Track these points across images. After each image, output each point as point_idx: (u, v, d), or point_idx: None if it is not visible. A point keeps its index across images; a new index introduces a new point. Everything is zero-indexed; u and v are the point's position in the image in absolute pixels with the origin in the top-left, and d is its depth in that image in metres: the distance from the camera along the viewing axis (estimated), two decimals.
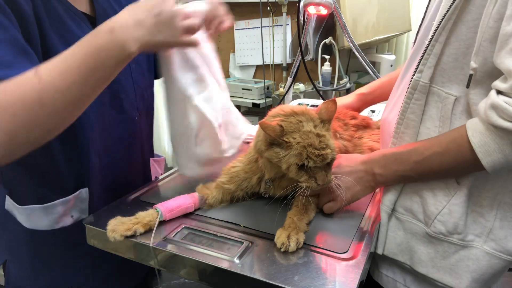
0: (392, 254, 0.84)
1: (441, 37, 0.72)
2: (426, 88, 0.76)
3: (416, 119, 0.78)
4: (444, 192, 0.76)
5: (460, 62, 0.71)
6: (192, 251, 0.75)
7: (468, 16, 0.69)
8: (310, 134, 0.75)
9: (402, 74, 0.89)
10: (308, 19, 2.03)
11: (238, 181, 0.90)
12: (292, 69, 2.17)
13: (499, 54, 0.63)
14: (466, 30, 0.69)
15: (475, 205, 0.75)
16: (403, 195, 0.82)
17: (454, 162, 0.71)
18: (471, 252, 0.75)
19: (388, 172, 0.79)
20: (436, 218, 0.76)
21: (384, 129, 0.93)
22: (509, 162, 0.65)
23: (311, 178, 0.77)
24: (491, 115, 0.64)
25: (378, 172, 0.80)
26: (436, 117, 0.76)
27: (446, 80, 0.74)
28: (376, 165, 0.80)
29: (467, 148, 0.68)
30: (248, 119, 1.08)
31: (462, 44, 0.70)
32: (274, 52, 2.82)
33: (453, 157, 0.71)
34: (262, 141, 0.79)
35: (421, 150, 0.75)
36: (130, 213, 0.82)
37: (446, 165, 0.73)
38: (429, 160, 0.73)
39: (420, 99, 0.77)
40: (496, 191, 0.74)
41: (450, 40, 0.72)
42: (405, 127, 0.80)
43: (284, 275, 0.67)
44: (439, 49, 0.73)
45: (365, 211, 0.88)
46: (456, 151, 0.70)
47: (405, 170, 0.77)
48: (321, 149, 0.75)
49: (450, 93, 0.74)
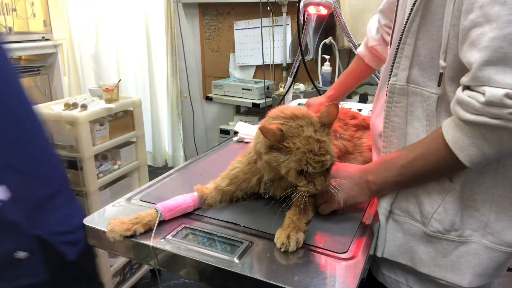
0: (393, 256, 0.84)
1: (409, 39, 0.73)
2: (405, 90, 0.77)
3: (401, 121, 0.79)
4: (438, 191, 0.76)
5: (436, 60, 0.72)
6: (192, 251, 0.75)
7: (435, 16, 0.70)
8: (310, 139, 0.75)
9: (383, 77, 0.89)
10: (308, 19, 2.03)
11: (238, 182, 0.90)
12: (292, 69, 2.17)
13: (461, 49, 0.64)
14: (436, 29, 0.70)
15: (469, 200, 0.76)
16: (399, 196, 0.82)
17: (437, 162, 0.72)
18: (470, 247, 0.76)
19: (380, 179, 0.79)
20: (432, 217, 0.76)
21: (373, 133, 0.94)
22: (486, 155, 0.65)
23: (310, 183, 0.77)
24: (457, 110, 0.65)
25: (371, 179, 0.80)
26: (422, 116, 0.76)
27: (426, 80, 0.75)
28: (369, 172, 0.81)
29: (445, 146, 0.68)
30: (248, 119, 1.08)
31: (435, 43, 0.71)
32: (274, 52, 2.82)
33: (435, 157, 0.71)
34: (262, 144, 0.79)
35: (405, 154, 0.76)
36: (130, 213, 0.82)
37: (430, 166, 0.73)
38: (414, 162, 0.74)
39: (401, 101, 0.78)
40: (488, 184, 0.75)
41: (424, 41, 0.73)
42: (392, 130, 0.81)
43: (284, 275, 0.67)
44: (410, 51, 0.74)
45: (365, 211, 0.88)
46: (436, 150, 0.70)
47: (394, 176, 0.77)
48: (320, 155, 0.75)
49: (432, 92, 0.74)
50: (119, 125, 1.94)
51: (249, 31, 2.92)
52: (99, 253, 1.82)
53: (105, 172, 1.89)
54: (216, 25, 3.11)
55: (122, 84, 2.12)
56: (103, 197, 1.88)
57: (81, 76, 3.37)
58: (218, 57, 3.19)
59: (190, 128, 3.47)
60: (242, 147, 1.33)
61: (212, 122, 3.41)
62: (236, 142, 1.38)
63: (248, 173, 0.89)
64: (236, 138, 1.40)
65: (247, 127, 1.41)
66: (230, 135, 2.62)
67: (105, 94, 1.86)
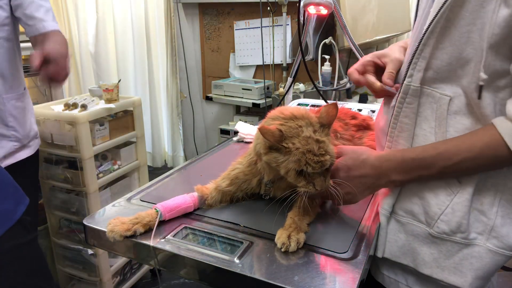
0: (395, 257, 0.84)
1: (430, 40, 0.72)
2: (418, 91, 0.76)
3: (410, 122, 0.78)
4: (446, 192, 0.76)
5: (453, 65, 0.72)
6: (192, 251, 0.75)
7: (461, 22, 0.69)
8: (310, 139, 0.75)
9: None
10: (308, 19, 2.03)
11: (238, 183, 0.90)
12: (292, 69, 2.17)
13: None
14: (459, 35, 0.70)
15: (476, 203, 0.76)
16: (402, 197, 0.81)
17: (488, 165, 0.72)
18: (474, 250, 0.76)
19: (410, 177, 0.78)
20: (439, 218, 0.76)
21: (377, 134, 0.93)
22: None
23: (309, 184, 0.76)
24: None
25: (398, 178, 0.78)
26: (431, 118, 0.76)
27: (439, 82, 0.74)
28: (394, 172, 0.78)
29: (505, 153, 0.68)
30: (248, 119, 1.08)
31: (455, 48, 0.71)
32: (274, 52, 2.82)
33: (489, 161, 0.71)
34: (261, 145, 0.79)
35: (447, 155, 0.73)
36: (130, 213, 0.82)
37: (478, 168, 0.73)
38: (460, 164, 0.72)
39: (413, 103, 0.77)
40: (496, 188, 0.74)
41: (444, 45, 0.72)
42: (399, 131, 0.80)
43: (284, 275, 0.67)
44: (428, 53, 0.73)
45: (365, 211, 0.88)
46: (492, 156, 0.70)
47: (431, 175, 0.76)
48: (320, 156, 0.74)
49: (445, 94, 0.74)
50: (119, 125, 1.94)
51: (249, 31, 2.92)
52: (99, 252, 1.83)
53: (105, 172, 1.89)
54: (216, 25, 3.11)
55: (122, 84, 2.12)
56: (103, 197, 1.88)
57: (81, 76, 3.37)
58: (218, 57, 3.19)
59: (190, 128, 3.47)
60: (242, 147, 1.33)
61: (212, 122, 3.41)
62: (236, 142, 1.38)
63: (249, 174, 0.89)
64: (236, 138, 1.40)
65: (247, 127, 1.41)
66: (230, 135, 2.62)
67: (105, 94, 1.86)
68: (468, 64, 0.70)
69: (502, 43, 0.65)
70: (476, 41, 0.68)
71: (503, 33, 0.64)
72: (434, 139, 0.76)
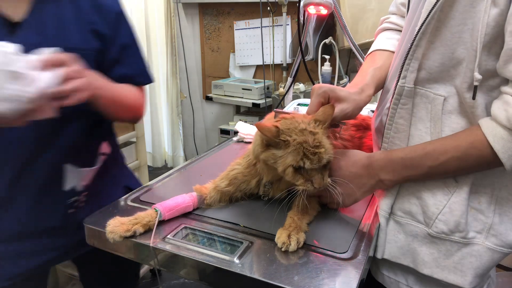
0: (395, 258, 0.84)
1: (422, 41, 0.72)
2: (412, 92, 0.76)
3: (406, 123, 0.78)
4: (444, 192, 0.76)
5: (446, 65, 0.72)
6: (192, 251, 0.75)
7: (452, 22, 0.69)
8: (305, 131, 0.76)
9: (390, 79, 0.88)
10: (308, 19, 2.03)
11: (237, 183, 0.90)
12: (292, 69, 2.17)
13: (506, 67, 0.64)
14: (451, 35, 0.70)
15: (474, 202, 0.76)
16: (400, 198, 0.81)
17: (474, 165, 0.72)
18: (473, 248, 0.76)
19: (398, 177, 0.78)
20: (437, 218, 0.76)
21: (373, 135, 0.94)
22: None
23: (307, 181, 0.77)
24: None
25: (387, 178, 0.79)
26: (426, 118, 0.76)
27: (432, 82, 0.74)
28: (383, 171, 0.79)
29: (489, 153, 0.68)
30: (248, 119, 1.08)
31: (447, 49, 0.71)
32: (274, 52, 2.82)
33: (474, 161, 0.71)
34: (259, 142, 0.80)
35: (435, 155, 0.73)
36: (130, 213, 0.82)
37: (465, 168, 0.73)
38: (446, 164, 0.73)
39: (407, 104, 0.77)
40: (493, 186, 0.75)
41: (435, 45, 0.72)
42: (395, 132, 0.80)
43: (284, 275, 0.67)
44: (421, 53, 0.73)
45: (365, 211, 0.88)
46: (477, 155, 0.70)
47: (418, 175, 0.76)
48: (315, 147, 0.75)
49: (439, 94, 0.74)
50: (119, 125, 1.94)
51: (249, 31, 2.92)
52: None
53: None
54: (216, 25, 3.11)
55: None
56: None
57: None
58: (218, 57, 3.19)
59: (190, 128, 3.47)
60: (242, 147, 1.33)
61: (212, 122, 3.41)
62: (236, 142, 1.38)
63: (248, 175, 0.89)
64: (236, 138, 1.40)
65: (247, 127, 1.41)
66: (230, 135, 2.62)
67: None
68: (460, 64, 0.70)
69: (494, 42, 0.65)
70: (468, 41, 0.68)
71: (493, 33, 0.65)
72: (429, 139, 0.76)
